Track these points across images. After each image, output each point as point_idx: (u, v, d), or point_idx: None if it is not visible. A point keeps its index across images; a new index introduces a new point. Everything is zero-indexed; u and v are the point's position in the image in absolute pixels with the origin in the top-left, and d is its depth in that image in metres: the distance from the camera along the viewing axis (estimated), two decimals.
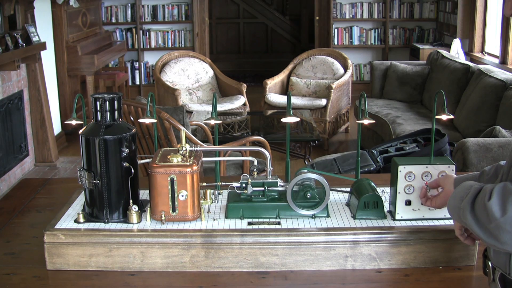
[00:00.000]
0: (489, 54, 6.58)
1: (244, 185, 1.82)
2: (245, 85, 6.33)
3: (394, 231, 1.72)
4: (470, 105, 4.84)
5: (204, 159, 1.89)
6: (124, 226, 1.77)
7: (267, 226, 1.76)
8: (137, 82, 8.40)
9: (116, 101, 1.78)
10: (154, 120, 2.03)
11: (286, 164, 2.03)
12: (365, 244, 1.71)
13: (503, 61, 5.89)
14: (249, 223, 1.78)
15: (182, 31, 8.34)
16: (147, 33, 8.30)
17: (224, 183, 1.97)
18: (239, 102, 6.08)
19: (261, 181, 1.83)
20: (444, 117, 1.97)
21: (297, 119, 1.96)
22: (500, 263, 1.28)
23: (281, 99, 6.13)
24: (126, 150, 1.77)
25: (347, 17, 8.25)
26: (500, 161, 1.52)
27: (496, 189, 1.15)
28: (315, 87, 6.42)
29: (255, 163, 1.93)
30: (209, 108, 5.92)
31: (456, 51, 6.50)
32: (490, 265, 1.33)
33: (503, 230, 1.12)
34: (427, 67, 6.03)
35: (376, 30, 8.30)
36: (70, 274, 1.71)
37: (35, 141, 5.32)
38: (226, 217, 1.82)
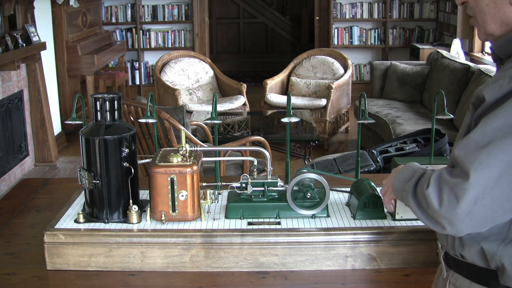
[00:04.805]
0: (489, 54, 6.58)
1: (244, 185, 1.82)
2: (245, 85, 6.32)
3: (394, 231, 1.72)
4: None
5: (204, 159, 1.89)
6: (124, 226, 1.77)
7: (267, 226, 1.76)
8: (137, 82, 8.39)
9: (116, 101, 1.78)
10: (154, 120, 2.03)
11: (286, 164, 2.04)
12: (365, 244, 1.71)
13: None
14: (249, 223, 1.78)
15: (182, 31, 8.34)
16: (147, 33, 8.30)
17: (224, 183, 1.97)
18: (239, 102, 6.08)
19: (261, 181, 1.83)
20: (444, 117, 1.97)
21: (297, 119, 1.96)
22: (443, 241, 1.30)
23: (281, 99, 6.13)
24: (126, 150, 1.77)
25: (347, 17, 8.25)
26: None
27: (433, 177, 1.16)
28: (315, 87, 6.42)
29: (255, 163, 1.93)
30: (209, 108, 5.92)
31: (456, 51, 6.50)
32: (440, 245, 1.35)
33: (444, 218, 1.13)
34: (427, 67, 6.03)
35: (376, 30, 8.29)
36: (70, 274, 1.71)
37: (35, 141, 5.32)
38: (226, 217, 1.82)
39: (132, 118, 3.56)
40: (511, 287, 1.17)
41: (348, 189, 1.93)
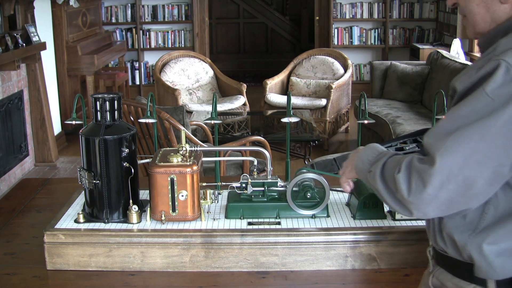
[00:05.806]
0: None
1: (244, 185, 1.82)
2: (245, 85, 6.32)
3: (394, 231, 1.72)
4: None
5: (204, 159, 1.89)
6: (124, 226, 1.77)
7: (267, 226, 1.76)
8: (137, 82, 8.39)
9: (116, 101, 1.78)
10: (154, 120, 2.03)
11: (286, 164, 2.04)
12: (365, 244, 1.71)
13: None
14: (249, 223, 1.78)
15: (182, 31, 8.34)
16: (147, 33, 8.30)
17: (224, 183, 1.97)
18: (239, 102, 6.08)
19: (261, 181, 1.83)
20: (444, 117, 1.96)
21: (297, 119, 1.96)
22: (428, 236, 1.32)
23: (281, 99, 6.12)
24: (126, 150, 1.77)
25: (347, 17, 8.24)
26: None
27: (404, 163, 1.17)
28: (315, 87, 6.42)
29: (255, 163, 1.93)
30: (209, 108, 5.92)
31: (456, 51, 6.50)
32: (431, 243, 1.36)
33: (411, 204, 1.15)
34: (427, 67, 6.03)
35: (376, 30, 8.29)
36: (70, 274, 1.71)
37: (35, 141, 5.32)
38: (226, 217, 1.82)
39: (132, 118, 3.56)
40: (485, 279, 1.18)
41: None
